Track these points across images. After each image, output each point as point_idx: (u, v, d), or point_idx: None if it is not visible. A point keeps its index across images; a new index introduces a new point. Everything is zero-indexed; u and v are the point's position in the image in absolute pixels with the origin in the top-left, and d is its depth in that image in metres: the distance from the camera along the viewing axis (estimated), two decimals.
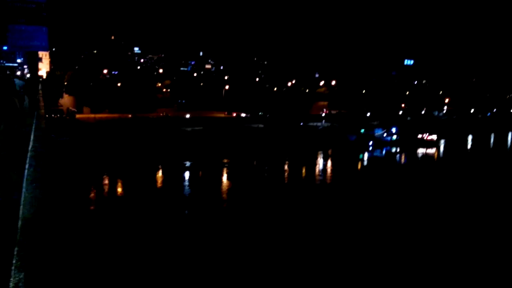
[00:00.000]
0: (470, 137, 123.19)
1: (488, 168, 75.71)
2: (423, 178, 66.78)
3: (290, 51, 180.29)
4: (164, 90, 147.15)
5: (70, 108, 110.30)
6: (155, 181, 63.91)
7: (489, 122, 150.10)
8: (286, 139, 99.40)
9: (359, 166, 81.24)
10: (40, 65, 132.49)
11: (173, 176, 65.51)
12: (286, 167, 76.62)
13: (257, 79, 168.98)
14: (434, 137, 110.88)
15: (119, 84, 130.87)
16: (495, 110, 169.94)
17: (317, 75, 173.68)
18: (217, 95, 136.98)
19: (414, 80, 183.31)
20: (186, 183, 63.89)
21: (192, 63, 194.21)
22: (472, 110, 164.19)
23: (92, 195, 53.49)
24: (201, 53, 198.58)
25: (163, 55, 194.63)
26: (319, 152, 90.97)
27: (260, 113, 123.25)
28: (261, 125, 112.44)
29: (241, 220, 43.72)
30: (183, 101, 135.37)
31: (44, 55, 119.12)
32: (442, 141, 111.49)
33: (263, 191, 56.15)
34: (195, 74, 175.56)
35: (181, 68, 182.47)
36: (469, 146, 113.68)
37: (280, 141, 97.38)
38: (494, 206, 50.00)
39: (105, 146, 77.39)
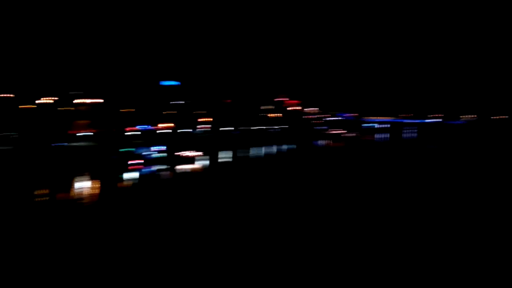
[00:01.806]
0: (224, 152, 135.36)
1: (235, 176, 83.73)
2: (180, 191, 69.59)
3: (45, 66, 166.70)
4: None
5: None
6: None
7: (239, 138, 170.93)
8: (38, 162, 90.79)
9: (118, 185, 79.38)
10: None
11: None
12: (36, 192, 69.57)
13: (8, 95, 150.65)
14: (195, 153, 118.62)
15: None
16: (244, 128, 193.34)
17: (78, 93, 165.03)
18: None
19: (180, 100, 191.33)
20: None
21: None
22: (229, 128, 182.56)
23: None
24: None
25: None
26: (76, 173, 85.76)
27: (7, 134, 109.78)
28: (9, 147, 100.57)
29: None
30: None
31: None
32: (202, 157, 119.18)
33: (7, 218, 49.79)
34: None
35: None
36: (222, 160, 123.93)
37: (31, 164, 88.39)
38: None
39: None
